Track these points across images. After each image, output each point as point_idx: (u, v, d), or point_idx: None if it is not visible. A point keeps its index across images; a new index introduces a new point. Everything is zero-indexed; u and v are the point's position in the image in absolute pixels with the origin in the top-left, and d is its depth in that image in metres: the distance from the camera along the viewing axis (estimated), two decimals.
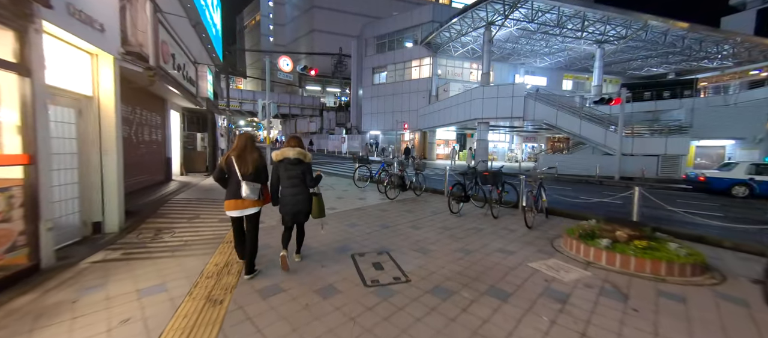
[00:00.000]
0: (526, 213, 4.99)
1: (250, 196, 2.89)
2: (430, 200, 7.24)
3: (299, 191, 3.17)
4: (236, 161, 2.94)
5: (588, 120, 15.90)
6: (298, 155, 3.16)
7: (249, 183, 2.90)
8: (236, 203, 2.95)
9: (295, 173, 3.15)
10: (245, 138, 3.06)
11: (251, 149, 3.04)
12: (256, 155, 3.03)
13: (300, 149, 3.21)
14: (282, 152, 3.17)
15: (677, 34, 19.99)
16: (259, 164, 3.03)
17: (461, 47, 25.27)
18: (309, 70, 13.97)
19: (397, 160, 8.27)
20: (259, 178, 3.03)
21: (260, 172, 3.03)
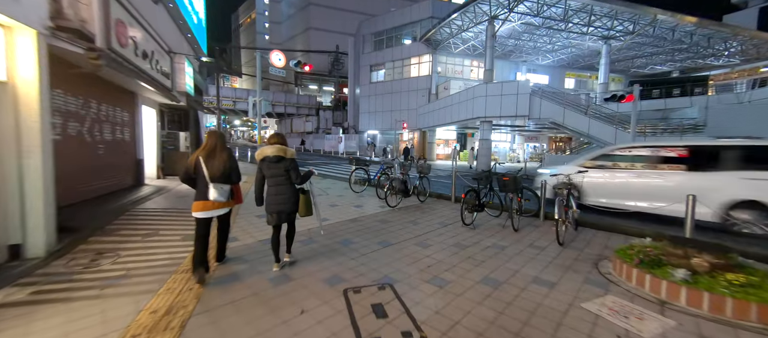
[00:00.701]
0: (559, 227, 4.12)
1: (219, 198, 2.80)
2: (437, 208, 6.35)
3: (282, 190, 3.07)
4: (204, 161, 2.79)
5: (597, 119, 15.11)
6: (278, 151, 3.01)
7: (217, 185, 2.79)
8: (205, 204, 2.82)
9: (278, 171, 3.04)
10: (214, 137, 2.92)
11: (221, 148, 2.89)
12: (225, 156, 2.88)
13: (280, 145, 3.07)
14: (262, 151, 3.05)
15: (685, 30, 19.29)
16: (228, 164, 2.88)
17: (462, 44, 24.44)
18: (303, 65, 13.06)
19: (398, 162, 7.38)
20: (229, 179, 2.91)
21: (230, 173, 2.91)
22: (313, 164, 18.03)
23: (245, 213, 5.44)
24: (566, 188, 4.45)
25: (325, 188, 8.38)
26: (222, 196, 2.83)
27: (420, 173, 6.82)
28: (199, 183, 2.83)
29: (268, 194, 3.10)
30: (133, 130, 7.04)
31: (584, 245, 4.23)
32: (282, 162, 3.04)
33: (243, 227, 4.64)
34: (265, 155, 3.04)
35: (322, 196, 7.27)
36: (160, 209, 5.46)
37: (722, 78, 21.77)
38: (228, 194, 2.90)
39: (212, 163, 2.82)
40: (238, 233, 4.33)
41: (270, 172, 3.05)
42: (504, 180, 4.77)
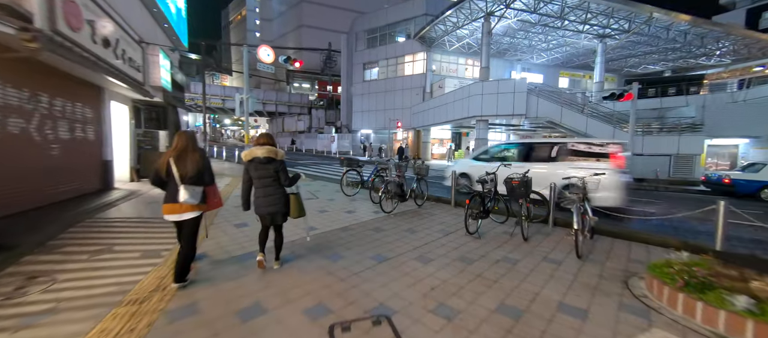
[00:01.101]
0: (578, 238, 3.63)
1: (189, 201, 2.69)
2: (436, 213, 5.84)
3: (272, 192, 3.01)
4: (175, 162, 2.68)
5: (595, 118, 14.85)
6: (269, 153, 2.95)
7: (188, 187, 2.68)
8: (173, 207, 2.71)
9: (267, 173, 2.97)
10: (185, 138, 2.80)
11: (192, 149, 2.77)
12: (197, 156, 2.76)
13: (270, 146, 3.00)
14: (251, 152, 2.96)
15: (680, 29, 19.24)
16: (200, 165, 2.76)
17: (457, 41, 24.04)
18: (293, 61, 12.39)
19: (394, 162, 6.84)
20: (201, 180, 2.79)
21: (202, 174, 2.78)
22: (304, 164, 17.36)
23: (222, 222, 4.83)
24: (580, 192, 3.97)
25: (315, 191, 7.79)
26: (193, 198, 2.71)
27: (417, 175, 6.30)
28: (169, 185, 2.72)
29: (257, 196, 3.01)
30: (99, 128, 6.34)
31: (604, 257, 3.76)
32: (272, 164, 2.96)
33: (217, 239, 4.04)
34: (254, 156, 2.92)
35: (312, 200, 6.68)
36: (123, 218, 4.80)
37: (715, 77, 21.84)
38: (200, 196, 2.77)
39: (183, 164, 2.70)
40: (210, 247, 3.74)
41: (258, 173, 2.95)
42: (513, 184, 4.27)
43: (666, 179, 12.94)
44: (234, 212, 5.41)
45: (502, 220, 5.19)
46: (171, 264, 3.08)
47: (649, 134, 14.13)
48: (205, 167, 2.80)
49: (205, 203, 2.85)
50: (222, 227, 4.58)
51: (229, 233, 4.31)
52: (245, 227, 4.57)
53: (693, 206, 4.80)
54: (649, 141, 13.65)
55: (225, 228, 4.51)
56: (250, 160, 2.96)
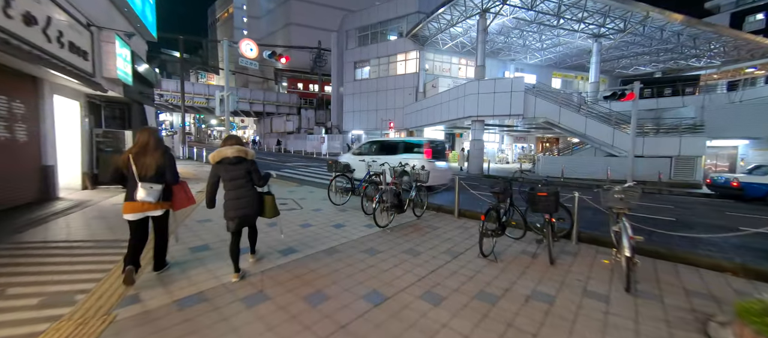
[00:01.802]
0: (628, 268, 2.86)
1: (147, 199, 2.63)
2: (438, 226, 5.02)
3: (244, 193, 2.88)
4: (134, 160, 2.64)
5: (594, 118, 14.39)
6: (239, 152, 2.83)
7: (145, 185, 2.63)
8: (133, 205, 2.66)
9: (239, 174, 2.85)
10: (146, 135, 2.76)
11: (154, 146, 2.73)
12: (158, 154, 2.72)
13: (240, 146, 2.88)
14: (219, 153, 2.82)
15: (673, 30, 19.12)
16: (161, 163, 2.72)
17: (450, 40, 23.43)
18: (278, 57, 11.41)
19: (389, 167, 6.01)
20: (163, 179, 2.74)
21: (163, 172, 2.74)
22: (292, 166, 16.35)
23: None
24: (620, 206, 3.21)
25: (299, 199, 6.88)
26: (151, 196, 2.65)
27: (416, 183, 5.47)
28: (129, 183, 2.69)
29: (228, 198, 2.88)
30: (36, 127, 5.28)
31: (654, 287, 3.01)
32: (243, 164, 2.87)
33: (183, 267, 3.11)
34: (224, 157, 2.82)
35: (295, 211, 5.78)
36: (49, 241, 3.80)
37: (710, 78, 21.85)
38: (158, 194, 2.71)
39: (142, 161, 2.66)
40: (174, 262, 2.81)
41: (229, 175, 2.83)
42: (538, 196, 3.49)
43: (667, 181, 12.52)
44: (193, 214, 4.47)
45: (519, 236, 4.42)
46: (82, 316, 2.16)
47: (648, 135, 13.71)
48: (167, 165, 2.74)
49: (168, 201, 2.84)
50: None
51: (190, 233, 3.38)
52: (204, 250, 3.65)
53: (710, 213, 4.13)
54: (649, 142, 13.25)
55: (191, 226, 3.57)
56: (220, 161, 2.82)
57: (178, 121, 66.94)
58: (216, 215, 4.93)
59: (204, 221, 4.81)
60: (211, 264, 3.22)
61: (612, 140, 13.88)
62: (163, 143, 2.87)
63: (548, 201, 3.44)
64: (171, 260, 3.18)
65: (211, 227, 4.53)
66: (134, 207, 2.65)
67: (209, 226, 4.60)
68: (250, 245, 3.24)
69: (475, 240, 4.33)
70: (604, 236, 4.33)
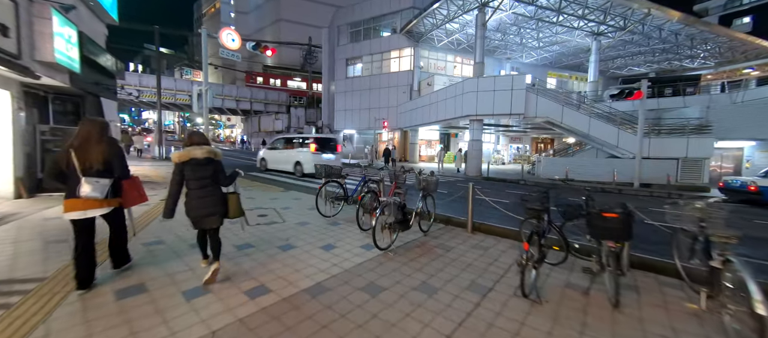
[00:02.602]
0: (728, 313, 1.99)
1: (93, 194, 2.42)
2: (452, 245, 4.10)
3: (209, 192, 2.76)
4: (76, 154, 2.42)
5: (598, 118, 13.78)
6: (208, 153, 2.72)
7: (90, 180, 2.41)
8: (75, 203, 2.42)
9: (206, 174, 2.74)
10: (88, 126, 2.55)
11: (98, 138, 2.53)
12: (103, 146, 2.53)
13: (209, 147, 2.75)
14: (187, 152, 2.67)
15: (671, 29, 18.81)
16: (107, 156, 2.53)
17: (446, 36, 22.65)
18: (263, 48, 10.22)
19: (389, 171, 5.06)
20: (109, 173, 2.54)
21: (110, 166, 2.55)
22: None
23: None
24: (721, 234, 2.33)
25: (282, 209, 5.85)
26: (97, 191, 2.43)
27: (423, 191, 4.54)
28: (70, 179, 2.43)
29: (191, 198, 2.72)
30: None
31: None
32: (211, 164, 2.76)
33: None
34: (192, 157, 2.66)
35: (276, 225, 4.77)
36: None
37: (711, 78, 21.67)
38: (105, 189, 2.48)
39: (85, 155, 2.44)
40: None
41: (196, 175, 2.69)
42: (605, 218, 2.57)
43: (674, 185, 11.97)
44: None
45: (557, 260, 3.51)
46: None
47: (653, 136, 13.16)
48: (114, 158, 2.59)
49: (118, 197, 2.69)
50: None
51: None
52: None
53: (739, 222, 3.34)
54: (655, 143, 12.69)
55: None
56: (186, 161, 2.67)
57: (164, 118, 64.48)
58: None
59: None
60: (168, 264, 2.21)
61: (616, 141, 13.29)
62: (108, 133, 2.67)
63: (619, 225, 2.52)
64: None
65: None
66: (76, 204, 2.42)
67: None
68: (212, 252, 2.87)
69: (500, 267, 3.42)
70: (661, 261, 3.48)
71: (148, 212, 5.14)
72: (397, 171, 5.04)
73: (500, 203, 5.91)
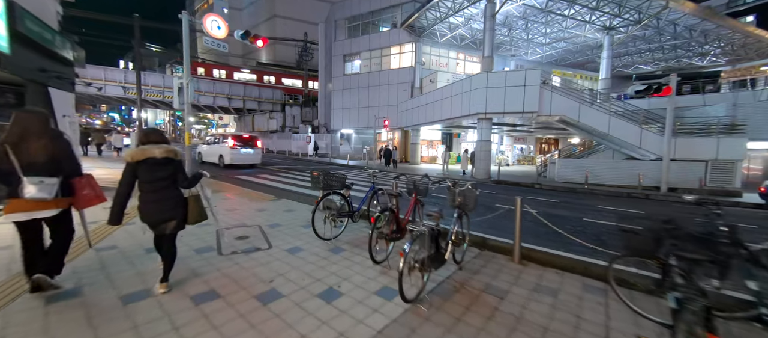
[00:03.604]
0: None
1: (39, 195, 2.18)
2: (503, 287, 2.93)
3: (166, 195, 2.52)
4: (13, 150, 2.16)
5: (619, 117, 12.74)
6: (168, 153, 2.47)
7: (34, 179, 2.17)
8: (18, 204, 2.18)
9: (164, 175, 2.49)
10: (24, 118, 2.27)
11: (39, 132, 2.26)
12: (45, 141, 2.26)
13: (168, 146, 2.51)
14: (143, 151, 2.41)
15: (688, 24, 17.90)
16: (52, 152, 2.27)
17: (449, 31, 21.53)
18: (253, 38, 8.78)
19: (411, 180, 3.89)
20: (56, 170, 2.28)
21: (58, 163, 2.30)
22: (271, 170, 13.93)
23: None
24: None
25: (270, 227, 4.64)
26: (43, 192, 2.18)
27: (459, 208, 3.36)
28: (11, 178, 2.18)
29: (145, 201, 2.46)
30: None
31: None
32: (170, 165, 2.51)
33: None
34: (149, 156, 2.42)
35: (259, 253, 3.55)
36: None
37: (729, 75, 20.82)
38: (53, 189, 2.23)
39: (24, 151, 2.19)
40: None
41: (153, 176, 2.45)
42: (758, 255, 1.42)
43: (704, 189, 10.96)
44: None
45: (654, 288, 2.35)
46: None
47: (683, 136, 12.15)
48: (61, 153, 2.33)
49: (69, 197, 2.38)
50: None
51: None
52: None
53: None
54: (681, 144, 11.68)
55: None
56: (142, 161, 2.40)
57: (152, 118, 62.35)
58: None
59: None
60: None
61: (639, 142, 12.27)
62: (49, 125, 2.35)
63: None
64: None
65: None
66: (19, 206, 2.17)
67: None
68: (164, 271, 2.58)
69: (590, 326, 2.24)
70: None
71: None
72: (418, 182, 3.86)
73: (537, 216, 4.74)
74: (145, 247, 3.48)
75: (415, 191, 3.86)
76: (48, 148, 2.26)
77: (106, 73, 26.33)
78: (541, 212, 5.08)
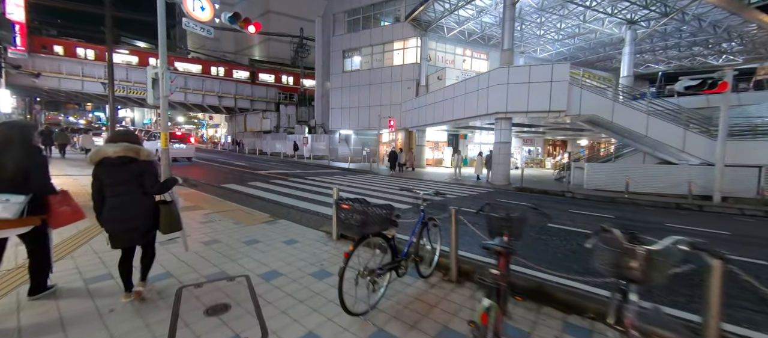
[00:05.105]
0: None
1: (2, 215, 2.04)
2: None
3: (130, 201, 2.26)
4: None
5: (658, 116, 11.40)
6: (126, 151, 2.24)
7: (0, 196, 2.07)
8: None
9: (123, 178, 2.25)
10: (2, 130, 2.20)
11: (8, 148, 2.15)
12: (15, 155, 2.15)
13: (129, 143, 2.27)
14: (97, 152, 2.25)
15: (714, 19, 16.77)
16: (21, 165, 2.16)
17: (457, 25, 20.09)
18: (245, 23, 6.87)
19: (489, 207, 2.30)
20: (23, 187, 2.14)
21: (25, 177, 2.16)
22: (264, 176, 12.22)
23: None
24: None
25: (263, 274, 3.02)
26: (7, 211, 2.07)
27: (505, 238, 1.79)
28: None
29: (109, 208, 2.23)
30: None
31: None
32: (130, 165, 2.25)
33: None
34: (104, 157, 2.23)
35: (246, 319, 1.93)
36: None
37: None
38: (17, 208, 2.10)
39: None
40: None
41: (111, 179, 2.23)
42: None
43: (759, 199, 9.64)
44: None
45: None
46: None
47: (733, 139, 10.83)
48: (30, 168, 2.20)
49: (39, 216, 2.25)
50: None
51: None
52: None
53: None
54: (730, 148, 10.35)
55: None
56: (99, 162, 2.23)
57: (139, 117, 59.62)
58: None
59: None
60: None
61: (682, 144, 10.93)
62: (25, 140, 2.25)
63: None
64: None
65: None
66: None
67: None
68: (142, 271, 2.49)
69: None
70: None
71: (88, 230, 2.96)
72: (514, 214, 2.30)
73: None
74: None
75: (508, 224, 2.27)
76: (16, 163, 2.14)
77: (62, 66, 23.97)
78: None
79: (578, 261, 4.04)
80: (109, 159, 2.22)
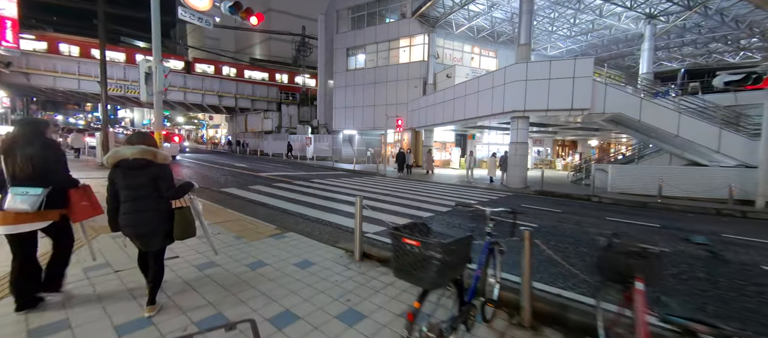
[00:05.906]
0: None
1: (21, 207, 2.05)
2: None
3: (144, 206, 2.19)
4: (4, 159, 2.12)
5: (691, 114, 10.62)
6: (142, 154, 2.17)
7: (18, 189, 2.08)
8: (6, 216, 2.06)
9: (141, 182, 2.18)
10: (18, 127, 2.23)
11: (26, 140, 2.17)
12: (32, 150, 2.14)
13: (146, 146, 2.21)
14: (115, 154, 2.17)
15: (738, 14, 16.00)
16: (38, 161, 2.14)
17: (467, 21, 19.33)
18: (246, 14, 6.02)
19: (606, 241, 1.50)
20: (43, 181, 2.15)
21: (44, 173, 2.16)
22: (266, 179, 11.44)
23: None
24: None
25: (280, 329, 2.23)
26: (25, 204, 2.05)
27: None
28: (4, 189, 2.14)
29: (124, 211, 2.18)
30: None
31: None
32: (147, 169, 2.19)
33: None
34: (121, 158, 2.16)
35: None
36: None
37: None
38: (37, 201, 2.08)
39: (11, 161, 2.11)
40: None
41: (127, 182, 2.17)
42: None
43: None
44: None
45: None
46: None
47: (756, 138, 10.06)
48: (48, 163, 2.20)
49: (60, 209, 2.26)
50: None
51: None
52: None
53: None
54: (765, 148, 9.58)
55: None
56: (116, 165, 2.17)
57: (139, 118, 58.91)
58: None
59: None
60: None
61: (717, 145, 10.15)
62: (43, 135, 2.26)
63: None
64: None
65: None
66: (6, 218, 2.08)
67: None
68: (150, 292, 2.26)
69: None
70: None
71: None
72: (652, 248, 1.50)
73: None
74: None
75: (647, 265, 1.49)
76: (36, 158, 2.15)
77: (56, 64, 23.25)
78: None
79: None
80: (126, 161, 2.16)
